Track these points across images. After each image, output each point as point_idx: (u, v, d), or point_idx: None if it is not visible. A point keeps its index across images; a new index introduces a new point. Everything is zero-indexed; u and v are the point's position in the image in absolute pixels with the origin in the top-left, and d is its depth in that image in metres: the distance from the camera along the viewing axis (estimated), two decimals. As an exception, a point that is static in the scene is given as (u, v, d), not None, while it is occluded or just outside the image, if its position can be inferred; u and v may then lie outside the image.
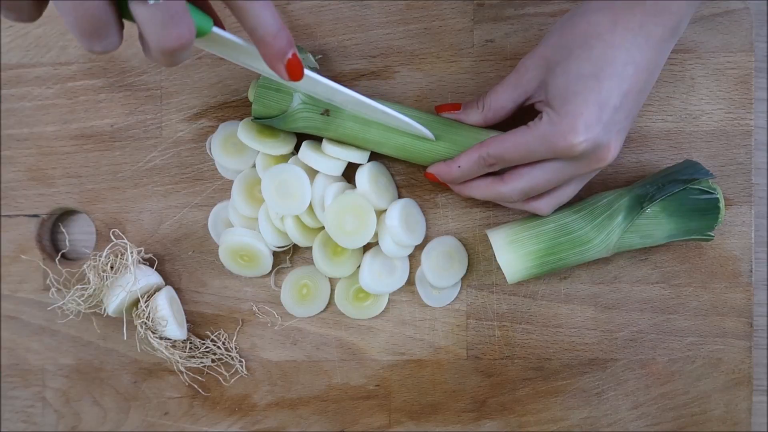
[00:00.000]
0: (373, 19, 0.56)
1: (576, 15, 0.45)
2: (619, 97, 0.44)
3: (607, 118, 0.44)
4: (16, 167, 0.57)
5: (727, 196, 0.55)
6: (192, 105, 0.56)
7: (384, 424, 0.57)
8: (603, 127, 0.44)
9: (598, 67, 0.43)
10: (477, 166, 0.49)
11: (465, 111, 0.51)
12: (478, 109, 0.50)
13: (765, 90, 0.56)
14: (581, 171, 0.47)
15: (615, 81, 0.43)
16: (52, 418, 0.58)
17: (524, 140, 0.46)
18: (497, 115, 0.50)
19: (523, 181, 0.48)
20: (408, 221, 0.53)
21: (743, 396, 0.55)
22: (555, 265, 0.51)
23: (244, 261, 0.55)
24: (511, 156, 0.47)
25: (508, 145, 0.47)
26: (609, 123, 0.44)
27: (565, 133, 0.44)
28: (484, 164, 0.49)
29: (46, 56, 0.57)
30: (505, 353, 0.56)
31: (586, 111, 0.44)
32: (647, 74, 0.45)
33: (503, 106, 0.49)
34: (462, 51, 0.55)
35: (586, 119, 0.44)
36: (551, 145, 0.45)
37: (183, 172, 0.57)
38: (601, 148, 0.45)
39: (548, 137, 0.45)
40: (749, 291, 0.55)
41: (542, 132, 0.45)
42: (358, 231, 0.52)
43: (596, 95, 0.43)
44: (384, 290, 0.55)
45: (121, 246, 0.55)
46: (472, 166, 0.49)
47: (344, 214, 0.52)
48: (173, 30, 0.35)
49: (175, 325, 0.53)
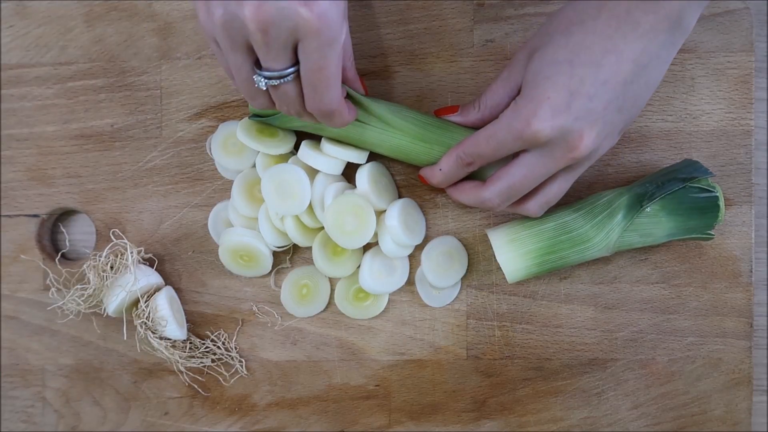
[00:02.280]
0: (373, 19, 0.56)
1: (567, 4, 0.45)
2: (594, 85, 0.42)
3: (579, 105, 0.42)
4: (16, 167, 0.57)
5: (727, 196, 0.55)
6: (192, 105, 0.56)
7: (384, 424, 0.57)
8: (573, 114, 0.42)
9: (574, 52, 0.42)
10: (456, 166, 0.49)
11: (462, 112, 0.51)
12: (474, 109, 0.50)
13: (765, 90, 0.56)
14: (556, 163, 0.45)
15: (591, 68, 0.42)
16: (52, 418, 0.58)
17: (492, 131, 0.46)
18: (494, 113, 0.49)
19: (501, 182, 0.47)
20: (408, 221, 0.53)
21: (743, 396, 0.55)
22: (555, 264, 0.51)
23: (244, 261, 0.55)
24: (483, 150, 0.46)
25: (479, 140, 0.46)
26: (581, 111, 0.42)
27: (528, 117, 0.43)
28: (461, 164, 0.48)
29: (46, 56, 0.57)
30: (505, 353, 0.56)
31: (553, 95, 0.42)
32: (635, 66, 0.42)
33: (499, 102, 0.48)
34: (462, 51, 0.55)
35: (553, 104, 0.42)
36: (516, 133, 0.44)
37: (183, 172, 0.57)
38: (572, 136, 0.43)
39: (513, 124, 0.44)
40: (749, 291, 0.55)
41: (507, 120, 0.44)
42: (358, 231, 0.52)
43: (567, 80, 0.42)
44: (384, 290, 0.55)
45: (121, 246, 0.55)
46: (452, 168, 0.49)
47: (344, 214, 0.52)
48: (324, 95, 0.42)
49: (175, 325, 0.53)
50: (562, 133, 0.43)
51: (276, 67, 0.41)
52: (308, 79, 0.42)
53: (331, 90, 0.42)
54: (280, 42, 0.39)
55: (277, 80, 0.42)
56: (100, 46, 0.57)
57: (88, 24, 0.56)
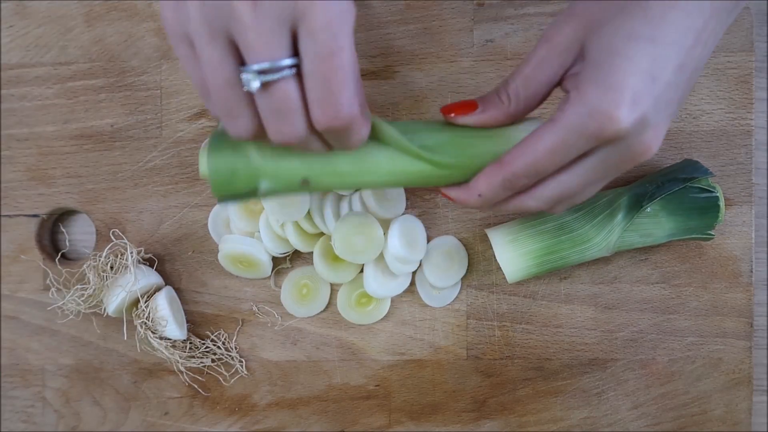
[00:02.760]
0: (373, 19, 0.56)
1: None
2: (673, 70, 0.34)
3: (659, 93, 0.34)
4: (16, 167, 0.57)
5: (728, 196, 0.55)
6: (192, 105, 0.56)
7: (384, 424, 0.57)
8: (653, 104, 0.34)
9: (657, 27, 0.34)
10: (502, 190, 0.38)
11: (486, 108, 0.39)
12: (503, 103, 0.39)
13: (765, 90, 0.56)
14: (621, 165, 0.37)
15: (674, 49, 0.34)
16: (52, 418, 0.58)
17: (557, 139, 0.35)
18: (529, 106, 0.39)
19: (550, 189, 0.38)
20: (408, 238, 0.53)
21: (743, 396, 0.55)
22: (555, 264, 0.51)
23: (243, 266, 0.55)
24: (545, 166, 0.36)
25: (538, 155, 0.36)
26: (660, 100, 0.35)
27: (610, 110, 0.34)
28: (511, 187, 0.38)
29: (46, 56, 0.57)
30: (505, 353, 0.56)
31: (634, 80, 0.34)
32: (703, 49, 0.35)
33: (537, 91, 0.38)
34: (462, 51, 0.55)
35: (635, 89, 0.34)
36: (593, 132, 0.35)
37: (183, 172, 0.57)
38: (648, 131, 0.35)
39: (587, 123, 0.34)
40: (749, 291, 0.55)
41: (578, 118, 0.35)
42: (367, 248, 0.52)
43: (650, 62, 0.34)
44: (389, 294, 0.55)
45: (121, 246, 0.55)
46: (497, 192, 0.39)
47: (351, 235, 0.52)
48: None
49: (175, 325, 0.53)
50: (642, 125, 0.35)
51: (270, 55, 0.31)
52: (316, 72, 0.31)
53: (348, 85, 0.32)
54: (274, 17, 0.30)
55: (273, 74, 0.31)
56: (100, 46, 0.57)
57: (88, 24, 0.56)
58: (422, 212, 0.56)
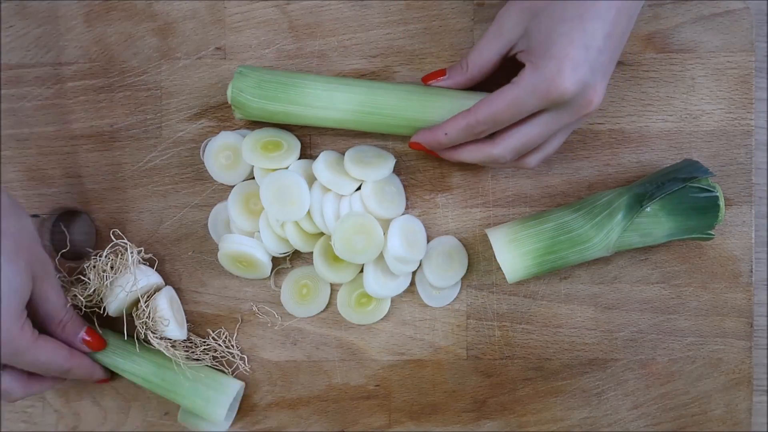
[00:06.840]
0: (373, 19, 0.56)
1: None
2: (602, 38, 0.44)
3: (593, 58, 0.44)
4: (16, 167, 0.57)
5: (728, 196, 0.55)
6: (192, 105, 0.56)
7: (384, 424, 0.57)
8: (589, 68, 0.44)
9: (583, 8, 0.44)
10: (465, 133, 0.49)
11: (451, 75, 0.51)
12: (462, 69, 0.50)
13: (765, 90, 0.56)
14: (570, 118, 0.47)
15: (599, 22, 0.43)
16: (52, 418, 0.58)
17: (513, 96, 0.46)
18: (482, 71, 0.50)
19: (513, 139, 0.48)
20: (408, 238, 0.53)
21: (743, 396, 0.55)
22: (555, 264, 0.51)
23: (243, 266, 0.55)
24: (502, 117, 0.46)
25: (497, 106, 0.46)
26: (594, 64, 0.44)
27: (553, 76, 0.44)
28: (472, 132, 0.48)
29: (46, 56, 0.57)
30: (505, 353, 0.56)
31: (572, 51, 0.43)
32: (627, 20, 0.45)
33: (487, 60, 0.49)
34: (462, 51, 0.55)
35: (573, 59, 0.43)
36: (542, 93, 0.44)
37: (183, 172, 0.57)
38: (588, 91, 0.45)
39: (537, 85, 0.44)
40: (749, 291, 0.55)
41: (530, 82, 0.45)
42: (367, 248, 0.52)
43: (581, 35, 0.43)
44: (388, 294, 0.55)
45: (121, 246, 0.55)
46: (460, 134, 0.49)
47: (351, 234, 0.52)
48: None
49: (175, 325, 0.53)
50: (582, 87, 0.44)
51: None
52: None
53: None
54: None
55: None
56: (100, 46, 0.57)
57: (88, 24, 0.56)
58: (422, 212, 0.56)
